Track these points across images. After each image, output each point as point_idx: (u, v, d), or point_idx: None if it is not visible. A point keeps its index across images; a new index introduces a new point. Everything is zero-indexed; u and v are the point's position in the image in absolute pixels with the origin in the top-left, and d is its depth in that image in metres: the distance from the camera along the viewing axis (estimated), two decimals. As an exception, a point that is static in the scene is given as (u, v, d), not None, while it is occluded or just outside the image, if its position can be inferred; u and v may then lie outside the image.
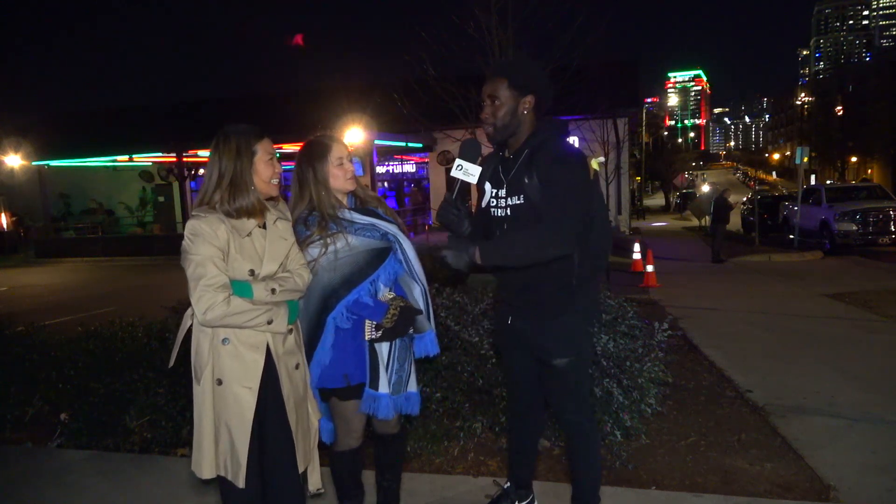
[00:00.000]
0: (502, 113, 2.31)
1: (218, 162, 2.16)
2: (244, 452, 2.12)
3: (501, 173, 2.39)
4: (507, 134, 2.35)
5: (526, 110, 2.32)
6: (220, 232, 2.08)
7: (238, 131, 2.19)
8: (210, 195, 2.16)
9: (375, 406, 2.38)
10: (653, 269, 10.20)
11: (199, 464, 2.16)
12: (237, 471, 2.12)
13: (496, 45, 7.93)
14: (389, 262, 2.42)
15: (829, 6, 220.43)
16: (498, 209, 2.38)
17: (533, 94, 2.31)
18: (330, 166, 2.40)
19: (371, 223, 2.42)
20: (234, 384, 2.11)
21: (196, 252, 2.05)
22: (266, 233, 2.21)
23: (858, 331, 6.39)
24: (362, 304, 2.34)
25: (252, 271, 2.14)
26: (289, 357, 2.24)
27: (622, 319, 3.56)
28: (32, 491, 3.27)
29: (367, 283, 2.36)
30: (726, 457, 3.35)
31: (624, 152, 21.13)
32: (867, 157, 53.57)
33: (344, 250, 2.34)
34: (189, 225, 2.10)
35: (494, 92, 2.32)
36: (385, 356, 2.40)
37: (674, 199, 48.69)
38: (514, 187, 2.31)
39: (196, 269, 2.04)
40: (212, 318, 2.03)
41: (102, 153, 21.61)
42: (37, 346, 4.22)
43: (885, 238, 13.84)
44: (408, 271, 2.47)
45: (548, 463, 3.26)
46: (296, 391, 2.26)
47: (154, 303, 4.85)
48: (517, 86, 2.29)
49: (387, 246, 2.42)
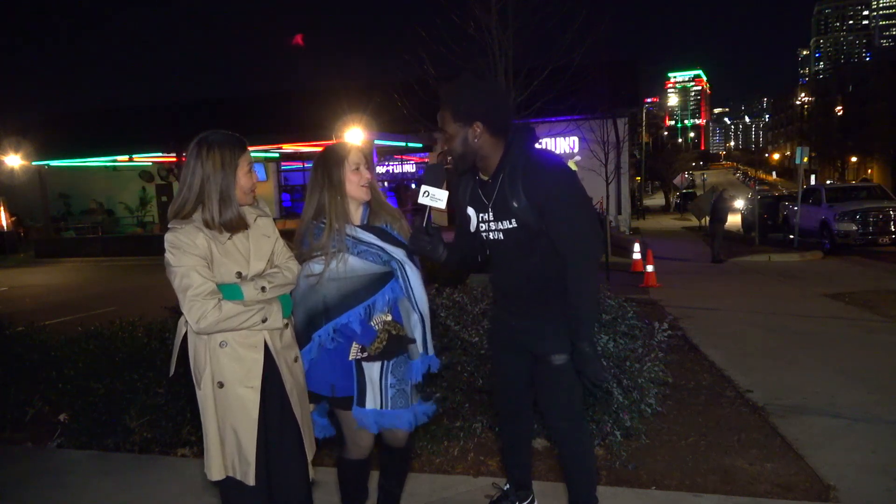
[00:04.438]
0: (455, 144, 2.26)
1: (200, 171, 2.09)
2: (252, 451, 2.12)
3: (483, 197, 2.34)
4: (469, 162, 2.29)
5: (477, 138, 2.24)
6: (199, 240, 2.07)
7: (222, 142, 2.12)
8: (189, 207, 2.11)
9: (363, 420, 2.33)
10: (653, 269, 10.19)
11: (208, 466, 2.17)
12: (246, 469, 2.13)
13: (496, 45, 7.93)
14: (388, 287, 2.35)
15: (829, 6, 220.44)
16: (490, 233, 2.35)
17: (479, 120, 2.22)
18: (346, 171, 2.35)
19: (377, 245, 2.34)
20: (236, 386, 2.12)
21: (179, 264, 2.05)
22: (249, 233, 2.20)
23: (858, 331, 6.39)
24: (350, 328, 2.29)
25: (239, 273, 2.13)
26: (287, 351, 2.24)
27: (622, 319, 3.56)
28: (32, 491, 3.27)
29: (360, 308, 2.30)
30: (726, 457, 3.35)
31: (624, 152, 21.16)
32: (867, 157, 53.60)
33: (342, 271, 2.28)
34: (167, 238, 2.08)
35: (443, 125, 2.28)
36: (375, 375, 2.33)
37: (674, 199, 48.68)
38: (501, 211, 2.27)
39: (182, 280, 2.03)
40: (206, 325, 2.02)
41: (102, 153, 21.64)
42: (37, 346, 4.21)
43: (885, 238, 13.82)
44: (407, 297, 2.38)
45: (548, 463, 3.26)
46: (297, 383, 2.26)
47: (154, 303, 4.84)
48: (460, 117, 2.23)
49: (388, 271, 2.36)
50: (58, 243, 21.12)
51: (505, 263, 2.39)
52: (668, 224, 32.41)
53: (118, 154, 21.14)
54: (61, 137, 25.61)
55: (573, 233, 2.17)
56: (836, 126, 56.12)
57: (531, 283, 2.32)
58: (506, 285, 2.44)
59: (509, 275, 2.39)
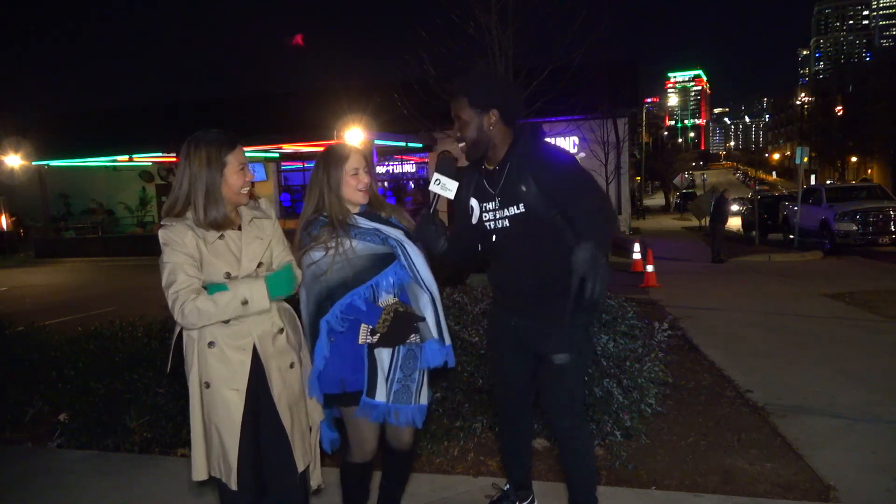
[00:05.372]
0: (469, 131, 2.32)
1: (188, 170, 2.12)
2: (234, 455, 2.11)
3: (489, 186, 2.38)
4: (481, 150, 2.35)
5: (492, 126, 2.31)
6: (188, 239, 2.08)
7: (208, 140, 2.14)
8: (180, 206, 2.14)
9: (371, 413, 2.32)
10: (653, 269, 10.20)
11: (193, 465, 2.17)
12: (228, 473, 2.12)
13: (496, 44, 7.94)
14: (392, 268, 2.38)
15: (829, 6, 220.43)
16: (493, 222, 2.37)
17: (496, 108, 2.30)
18: (345, 174, 2.38)
19: (375, 228, 2.38)
20: (221, 387, 2.11)
21: (167, 260, 2.08)
22: (241, 234, 2.20)
23: (858, 331, 6.39)
24: (355, 307, 2.30)
25: (228, 274, 2.13)
26: (281, 356, 2.22)
27: (622, 319, 3.56)
28: (32, 491, 3.27)
29: (364, 288, 2.32)
30: (726, 457, 3.35)
31: (624, 152, 21.14)
32: (867, 157, 53.56)
33: (344, 254, 2.31)
34: (159, 235, 2.11)
35: (458, 112, 2.34)
36: (385, 364, 2.34)
37: (674, 199, 48.69)
38: (509, 198, 2.30)
39: (168, 276, 2.07)
40: (190, 320, 2.05)
41: (102, 153, 21.61)
42: (37, 346, 4.21)
43: (885, 238, 13.82)
44: (413, 278, 2.39)
45: (548, 463, 3.26)
46: (289, 391, 2.23)
47: (154, 303, 4.83)
48: (477, 103, 2.30)
49: (390, 251, 2.38)
50: (58, 243, 21.13)
51: (507, 255, 2.39)
52: (668, 224, 32.43)
53: (118, 154, 21.11)
54: (61, 137, 25.59)
55: (587, 206, 2.18)
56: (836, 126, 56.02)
57: (534, 276, 2.32)
58: (507, 280, 2.44)
59: (511, 268, 2.39)
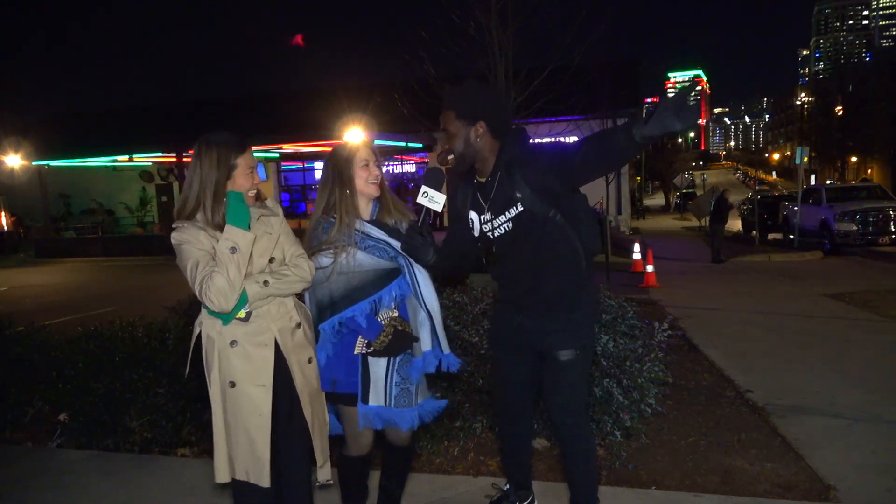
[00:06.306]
0: (457, 143, 2.33)
1: (199, 171, 2.14)
2: (266, 451, 2.13)
3: (481, 199, 2.40)
4: (469, 161, 2.36)
5: (479, 137, 2.32)
6: (202, 237, 2.11)
7: (220, 142, 2.15)
8: (190, 206, 2.15)
9: (368, 419, 2.33)
10: (653, 269, 10.20)
11: (216, 467, 2.18)
12: (260, 470, 2.13)
13: (496, 44, 7.94)
14: (395, 283, 2.38)
15: (829, 6, 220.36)
16: (497, 230, 2.37)
17: (483, 120, 2.31)
18: (356, 167, 2.39)
19: (385, 241, 2.37)
20: (246, 384, 2.12)
21: (188, 256, 2.09)
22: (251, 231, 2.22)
23: (858, 331, 6.39)
24: (356, 322, 2.31)
25: None
26: (300, 351, 2.25)
27: (622, 319, 3.56)
28: (32, 491, 3.27)
29: (366, 303, 2.33)
30: (726, 457, 3.35)
31: (624, 152, 21.08)
32: (867, 157, 53.58)
33: (350, 265, 2.31)
34: (172, 237, 2.14)
35: (446, 124, 2.36)
36: (381, 371, 2.35)
37: (674, 199, 48.67)
38: (503, 204, 2.31)
39: (191, 271, 2.08)
40: (215, 300, 2.02)
41: (102, 153, 21.61)
42: (37, 346, 4.21)
43: (885, 238, 13.83)
44: (415, 295, 2.41)
45: (548, 463, 3.26)
46: (309, 385, 2.26)
47: (154, 303, 4.85)
48: (464, 116, 2.31)
49: (395, 268, 2.38)
50: (58, 243, 21.11)
51: (512, 256, 2.40)
52: (668, 224, 32.43)
53: (118, 154, 21.12)
54: (61, 137, 25.59)
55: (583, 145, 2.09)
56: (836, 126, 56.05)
57: (540, 273, 2.32)
58: (514, 280, 2.44)
59: (518, 266, 2.39)
